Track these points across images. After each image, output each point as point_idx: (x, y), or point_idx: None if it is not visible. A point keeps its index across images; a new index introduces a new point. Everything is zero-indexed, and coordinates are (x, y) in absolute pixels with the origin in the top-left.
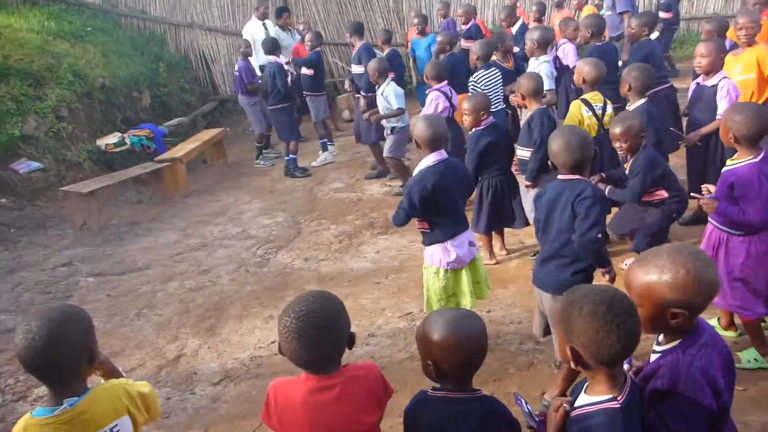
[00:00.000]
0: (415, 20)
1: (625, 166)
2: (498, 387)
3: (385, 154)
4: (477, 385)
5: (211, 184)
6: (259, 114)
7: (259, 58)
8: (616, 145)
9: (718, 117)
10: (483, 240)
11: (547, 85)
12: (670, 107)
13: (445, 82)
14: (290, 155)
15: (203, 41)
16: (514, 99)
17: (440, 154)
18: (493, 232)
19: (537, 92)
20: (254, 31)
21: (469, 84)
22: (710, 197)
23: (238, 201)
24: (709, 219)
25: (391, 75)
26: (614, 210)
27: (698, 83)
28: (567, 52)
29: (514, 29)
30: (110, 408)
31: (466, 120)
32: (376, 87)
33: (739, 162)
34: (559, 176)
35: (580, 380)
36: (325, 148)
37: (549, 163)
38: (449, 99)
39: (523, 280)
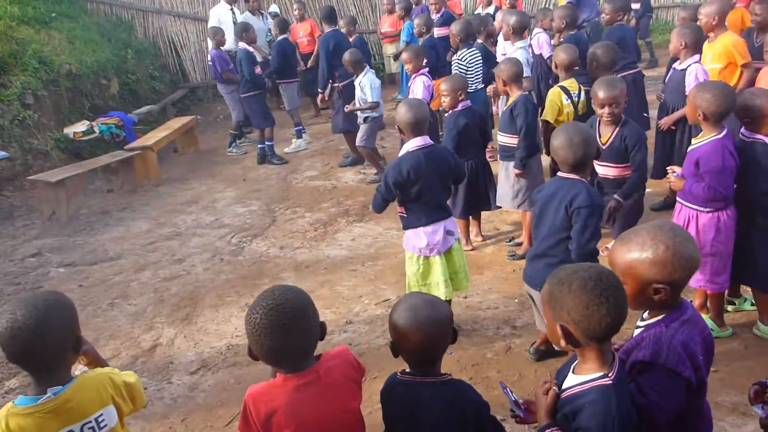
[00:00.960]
0: (396, 7)
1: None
2: (476, 372)
3: (357, 143)
4: (455, 370)
5: (183, 172)
6: (237, 101)
7: (228, 44)
8: (606, 111)
9: None
10: (459, 225)
11: (524, 72)
12: (636, 92)
13: (426, 67)
14: (266, 142)
15: (172, 28)
16: (491, 89)
17: (423, 140)
18: (470, 218)
19: (518, 77)
20: (221, 15)
21: (453, 63)
22: (677, 175)
23: (211, 189)
24: (678, 198)
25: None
26: None
27: (674, 68)
28: (541, 42)
29: (490, 10)
30: (96, 397)
31: (445, 101)
32: (354, 76)
33: (704, 139)
34: (559, 173)
35: (563, 363)
36: (299, 135)
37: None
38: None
39: (499, 266)
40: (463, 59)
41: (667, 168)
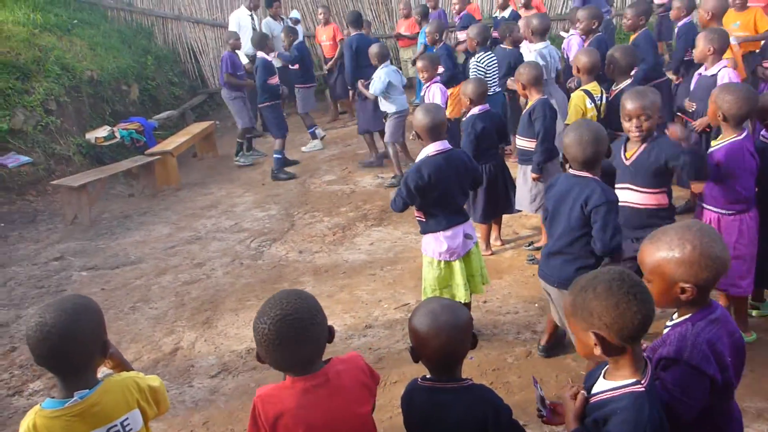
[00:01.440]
0: (413, 12)
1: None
2: (497, 376)
3: (386, 140)
4: (475, 375)
5: (202, 177)
6: (241, 108)
7: (245, 48)
8: (634, 124)
9: None
10: (480, 229)
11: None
12: (665, 100)
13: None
14: (275, 154)
15: (191, 34)
16: (510, 84)
17: (442, 144)
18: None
19: (537, 81)
20: (241, 20)
21: (470, 66)
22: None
23: (230, 194)
24: (698, 201)
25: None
26: None
27: (699, 74)
28: (572, 45)
29: (505, 14)
30: (122, 401)
31: (467, 105)
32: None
33: (724, 141)
34: (570, 171)
35: (593, 368)
36: (314, 136)
37: (562, 156)
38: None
39: (518, 270)
40: (481, 62)
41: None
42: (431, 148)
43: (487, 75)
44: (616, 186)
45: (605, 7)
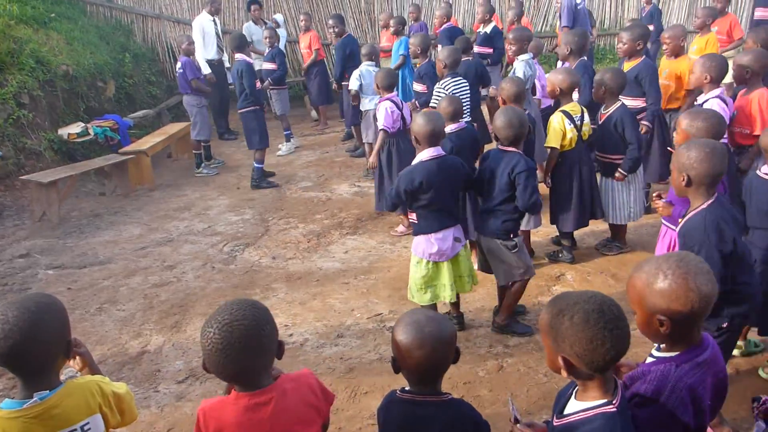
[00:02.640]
0: (391, 22)
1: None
2: (468, 390)
3: (366, 140)
4: (447, 388)
5: (176, 178)
6: (204, 118)
7: (207, 53)
8: None
9: None
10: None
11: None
12: (659, 132)
13: (395, 92)
14: (257, 164)
15: (171, 33)
16: (494, 92)
17: (436, 150)
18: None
19: (518, 97)
20: (205, 25)
21: (435, 91)
22: (664, 202)
23: (204, 196)
24: (663, 221)
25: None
26: None
27: (696, 101)
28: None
29: (487, 29)
30: (83, 404)
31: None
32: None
33: None
34: (499, 146)
35: (563, 387)
36: (288, 139)
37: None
38: (400, 110)
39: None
40: (445, 88)
41: (653, 195)
42: (426, 154)
43: None
44: None
45: (589, 28)
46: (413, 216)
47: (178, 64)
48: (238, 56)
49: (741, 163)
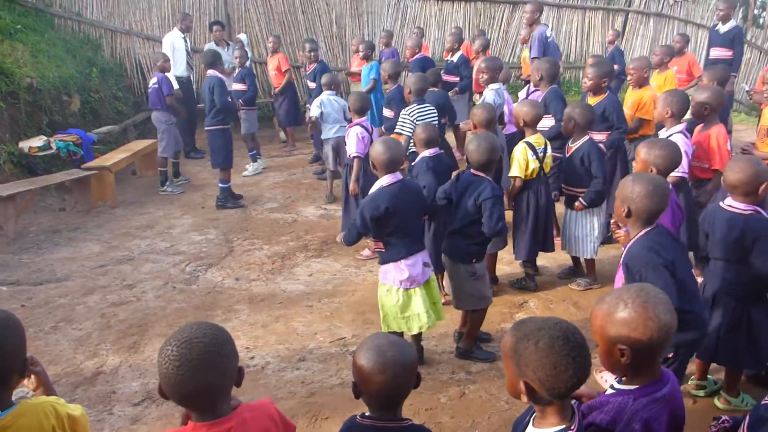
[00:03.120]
0: (360, 47)
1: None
2: (429, 416)
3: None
4: (409, 414)
5: (140, 196)
6: (172, 136)
7: (176, 69)
8: None
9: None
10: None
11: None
12: (621, 160)
13: (366, 117)
14: (222, 184)
15: (140, 50)
16: (465, 126)
17: (395, 176)
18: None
19: (489, 123)
20: (175, 42)
21: (400, 117)
22: (625, 230)
23: (168, 215)
24: (623, 249)
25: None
26: None
27: (657, 135)
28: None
29: (454, 58)
30: (36, 426)
31: (418, 149)
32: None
33: None
34: (471, 170)
35: (520, 415)
36: (254, 159)
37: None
38: (370, 134)
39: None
40: (410, 114)
41: (611, 222)
42: (386, 180)
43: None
44: None
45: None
46: (380, 245)
47: (153, 80)
48: (210, 72)
49: (700, 197)
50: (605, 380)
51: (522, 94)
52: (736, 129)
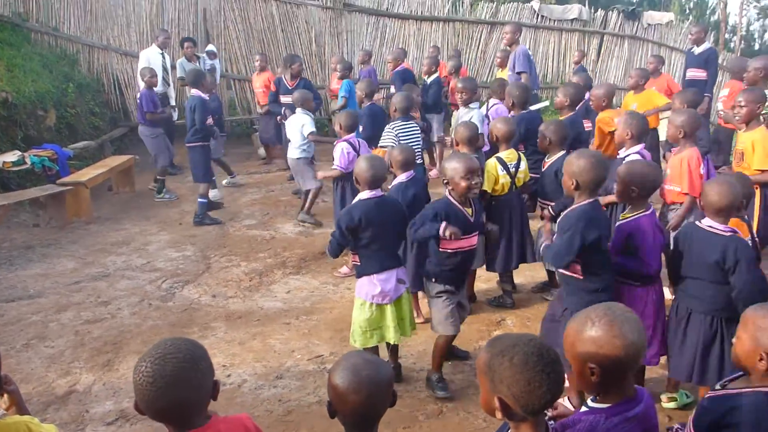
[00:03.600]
0: (338, 66)
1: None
2: None
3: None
4: None
5: (116, 212)
6: (161, 146)
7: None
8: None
9: None
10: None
11: (480, 129)
12: None
13: (354, 133)
14: (201, 199)
15: (118, 65)
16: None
17: (376, 192)
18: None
19: (471, 141)
20: (151, 57)
21: (385, 132)
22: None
23: (144, 231)
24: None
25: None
26: None
27: (618, 155)
28: (500, 112)
29: (429, 80)
30: None
31: (397, 172)
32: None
33: (633, 215)
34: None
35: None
36: (214, 185)
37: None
38: (357, 151)
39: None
40: (394, 130)
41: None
42: (365, 194)
43: (404, 143)
44: None
45: (536, 83)
46: (356, 258)
47: (137, 94)
48: (194, 92)
49: (672, 220)
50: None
51: (483, 110)
52: None
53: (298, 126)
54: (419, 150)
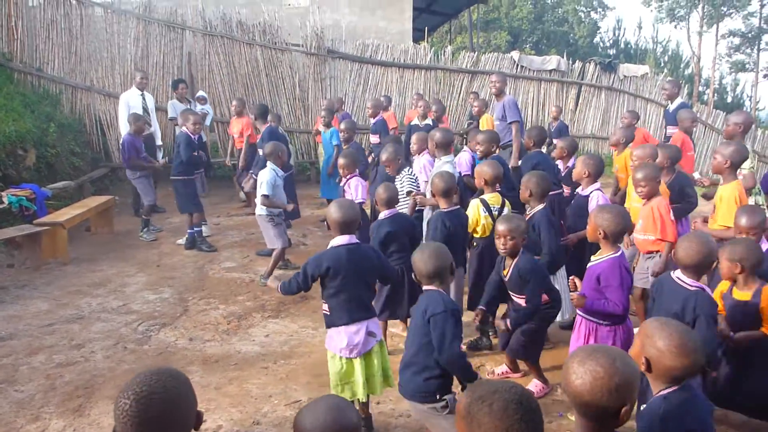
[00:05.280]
0: (323, 113)
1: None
2: None
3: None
4: None
5: (93, 253)
6: (146, 186)
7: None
8: (500, 241)
9: None
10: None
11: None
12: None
13: (357, 170)
14: (194, 228)
15: (101, 106)
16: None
17: (349, 238)
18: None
19: (447, 193)
20: (131, 100)
21: (403, 180)
22: (579, 293)
23: (121, 273)
24: (578, 312)
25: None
26: None
27: (578, 193)
28: (462, 161)
29: (422, 123)
30: None
31: (380, 208)
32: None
33: (602, 257)
34: (424, 287)
35: None
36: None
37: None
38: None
39: None
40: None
41: (570, 278)
42: (337, 240)
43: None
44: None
45: (524, 134)
46: (325, 307)
47: (121, 140)
48: (183, 129)
49: (654, 267)
50: None
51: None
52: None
53: (260, 183)
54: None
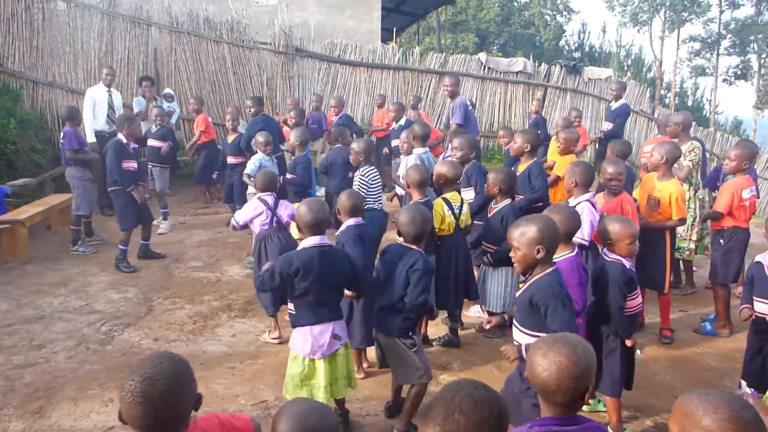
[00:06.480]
0: (292, 113)
1: None
2: None
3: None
4: None
5: (55, 251)
6: (87, 192)
7: (96, 123)
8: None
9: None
10: (353, 355)
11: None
12: None
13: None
14: (120, 245)
15: (63, 102)
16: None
17: (321, 239)
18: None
19: (421, 184)
20: (96, 95)
21: (355, 178)
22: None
23: (84, 272)
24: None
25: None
26: None
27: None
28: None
29: (396, 125)
30: None
31: (342, 217)
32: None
33: (560, 256)
34: (401, 242)
35: None
36: (165, 218)
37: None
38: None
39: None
40: (365, 176)
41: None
42: (310, 241)
43: (370, 189)
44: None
45: (476, 130)
46: (291, 306)
47: (61, 133)
48: (119, 135)
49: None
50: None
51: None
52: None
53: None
54: (380, 197)
